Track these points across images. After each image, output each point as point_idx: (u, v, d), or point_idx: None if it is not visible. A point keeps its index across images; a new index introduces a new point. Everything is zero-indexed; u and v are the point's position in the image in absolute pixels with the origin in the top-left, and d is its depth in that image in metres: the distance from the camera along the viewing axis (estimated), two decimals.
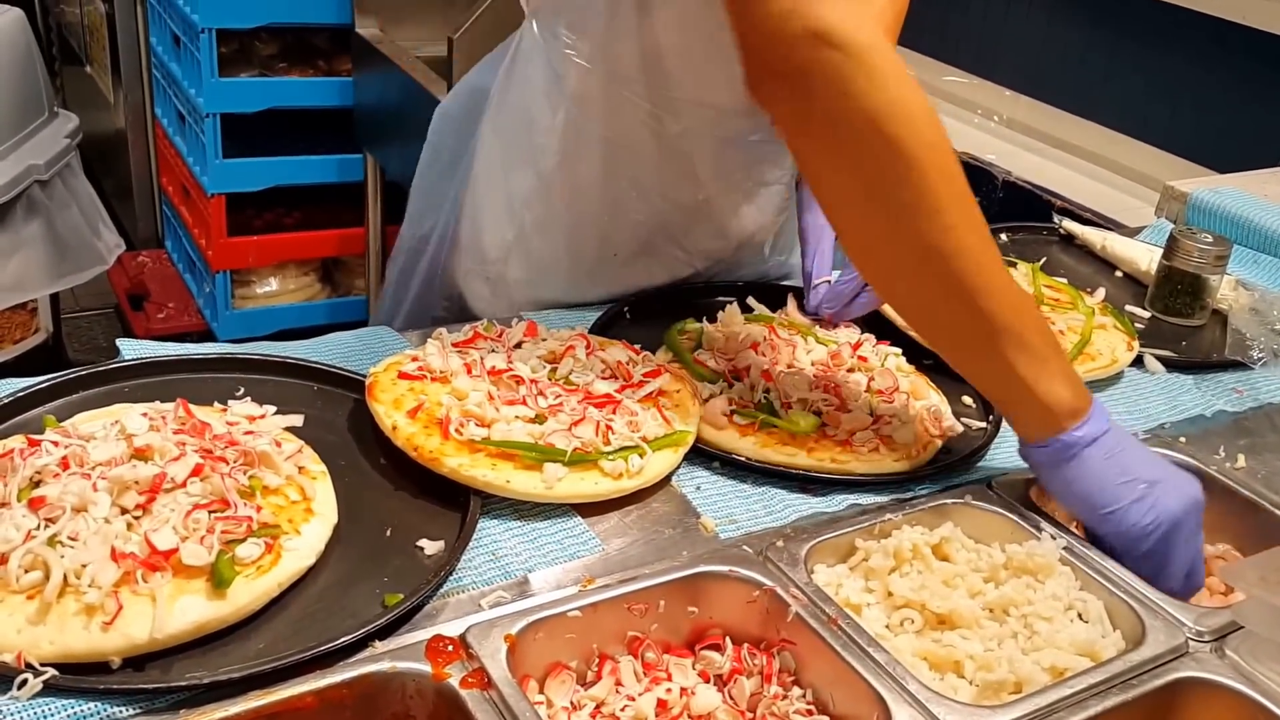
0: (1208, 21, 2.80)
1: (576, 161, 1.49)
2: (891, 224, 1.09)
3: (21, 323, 3.03)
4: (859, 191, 1.10)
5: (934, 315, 1.17)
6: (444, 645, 0.96)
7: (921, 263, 1.10)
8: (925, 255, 1.09)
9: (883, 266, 1.16)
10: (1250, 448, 1.40)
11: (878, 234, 1.12)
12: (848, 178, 1.10)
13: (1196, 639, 1.08)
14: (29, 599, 0.89)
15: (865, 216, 1.12)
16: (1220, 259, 1.67)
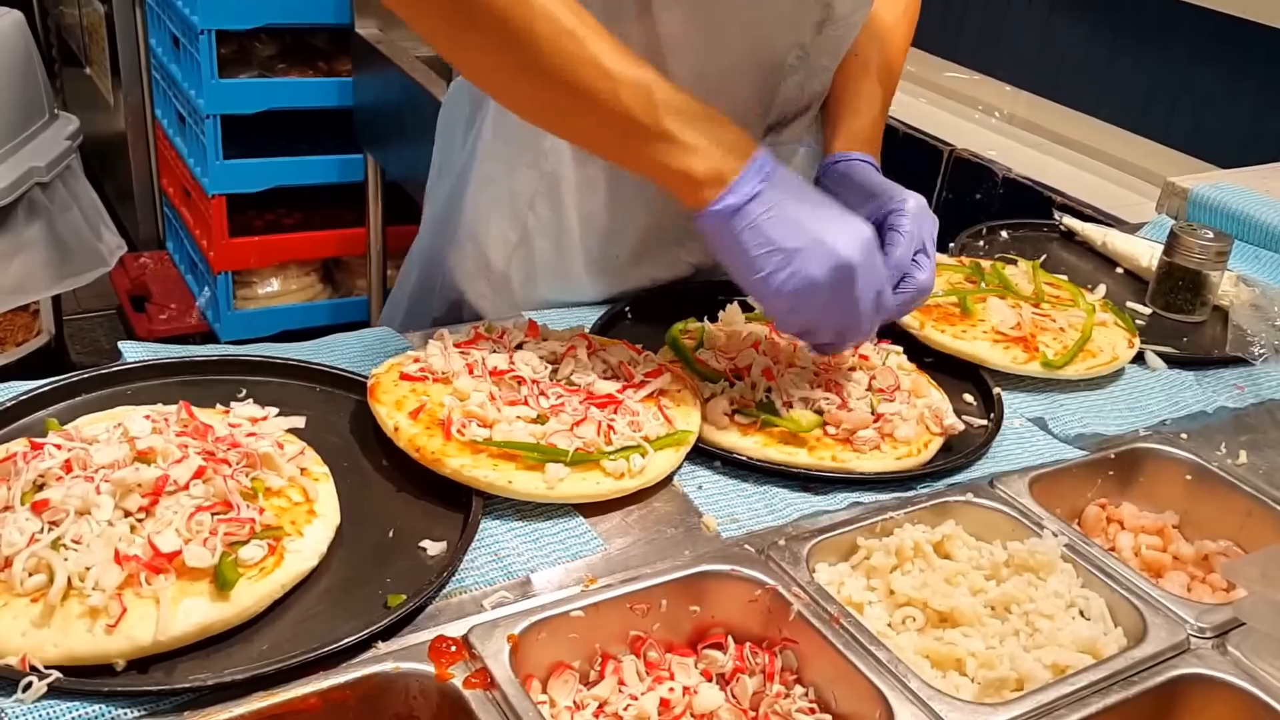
0: (1209, 15, 2.80)
1: (583, 162, 1.48)
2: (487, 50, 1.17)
3: (24, 325, 3.04)
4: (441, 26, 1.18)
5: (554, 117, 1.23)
6: (447, 646, 0.96)
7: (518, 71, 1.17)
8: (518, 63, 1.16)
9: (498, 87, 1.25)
10: (1251, 444, 1.40)
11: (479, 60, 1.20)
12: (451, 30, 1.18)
13: (1198, 635, 1.08)
14: (33, 602, 0.90)
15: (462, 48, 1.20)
16: (1221, 255, 1.67)
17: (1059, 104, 3.30)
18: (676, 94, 1.16)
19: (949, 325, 1.49)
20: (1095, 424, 1.39)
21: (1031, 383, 1.46)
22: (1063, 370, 1.44)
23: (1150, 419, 1.43)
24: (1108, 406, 1.44)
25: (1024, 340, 1.47)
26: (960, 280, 1.61)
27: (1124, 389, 1.49)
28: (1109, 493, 1.36)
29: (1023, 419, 1.39)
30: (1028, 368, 1.44)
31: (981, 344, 1.46)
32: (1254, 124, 2.77)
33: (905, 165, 2.98)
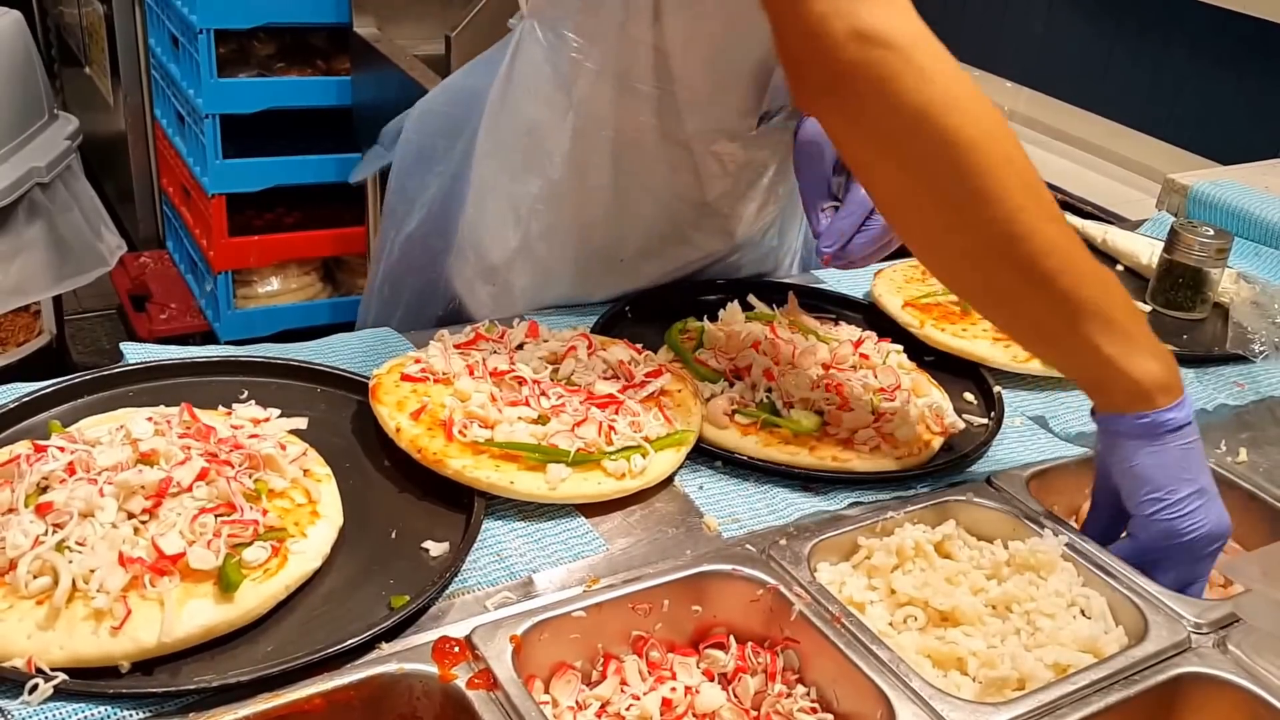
0: (1210, 11, 2.80)
1: (585, 166, 1.48)
2: (955, 215, 1.08)
3: (25, 325, 3.04)
4: (918, 189, 1.08)
5: (1010, 303, 1.14)
6: (450, 646, 0.96)
7: (990, 250, 1.08)
8: (993, 243, 1.07)
9: (951, 260, 1.14)
10: (1251, 441, 1.41)
11: (942, 228, 1.10)
12: (906, 176, 1.08)
13: (1198, 632, 1.08)
14: (38, 604, 0.90)
15: (928, 213, 1.10)
16: (1221, 252, 1.67)
17: (1059, 100, 3.30)
18: (1124, 294, 1.12)
19: (949, 324, 1.49)
20: None
21: (1032, 381, 1.46)
22: None
23: None
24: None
25: None
26: None
27: None
28: None
29: (1023, 417, 1.39)
30: (1028, 366, 1.44)
31: (982, 342, 1.46)
32: (1255, 120, 2.77)
33: None
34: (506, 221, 1.54)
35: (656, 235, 1.54)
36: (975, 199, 1.05)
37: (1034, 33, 3.37)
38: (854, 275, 1.69)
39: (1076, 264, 1.08)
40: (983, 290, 1.15)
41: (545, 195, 1.50)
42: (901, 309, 1.52)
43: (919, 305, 1.52)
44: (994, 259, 1.09)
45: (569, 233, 1.53)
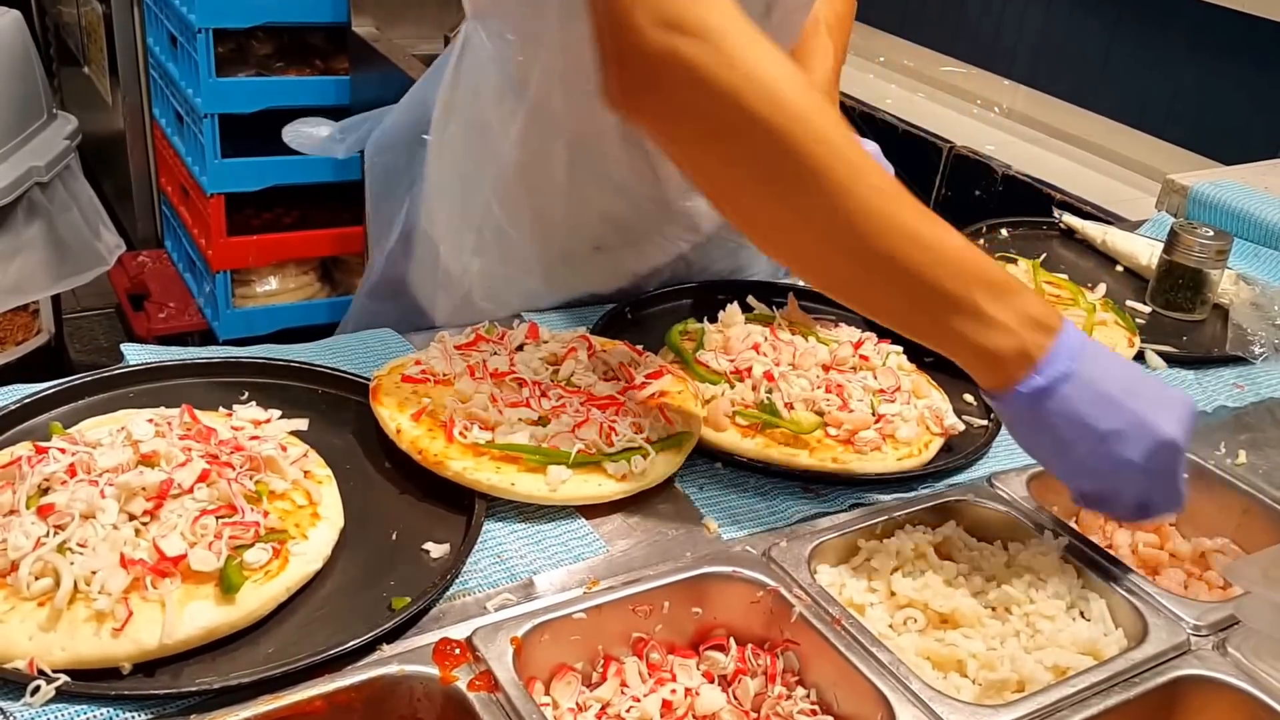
0: (1208, 9, 2.80)
1: (539, 167, 1.45)
2: (781, 204, 1.05)
3: (23, 324, 3.04)
4: (745, 181, 1.05)
5: (853, 289, 1.11)
6: (451, 648, 0.96)
7: (820, 236, 1.05)
8: (820, 227, 1.04)
9: (791, 250, 1.11)
10: (1251, 443, 1.41)
11: (773, 218, 1.07)
12: (730, 169, 1.05)
13: (1197, 635, 1.08)
14: (40, 606, 0.90)
15: (759, 205, 1.07)
16: (1221, 253, 1.67)
17: (1058, 99, 3.30)
18: (985, 262, 1.08)
19: None
20: None
21: None
22: None
23: None
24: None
25: None
26: None
27: None
28: None
29: None
30: None
31: None
32: (1255, 119, 2.77)
33: (904, 162, 2.99)
34: (460, 223, 1.52)
35: (617, 233, 1.52)
36: (797, 185, 1.02)
37: (1032, 31, 3.37)
38: None
39: (915, 241, 1.04)
40: (824, 276, 1.12)
41: (500, 195, 1.48)
42: None
43: None
44: (825, 244, 1.06)
45: (525, 232, 1.50)
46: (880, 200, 1.03)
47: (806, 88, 1.03)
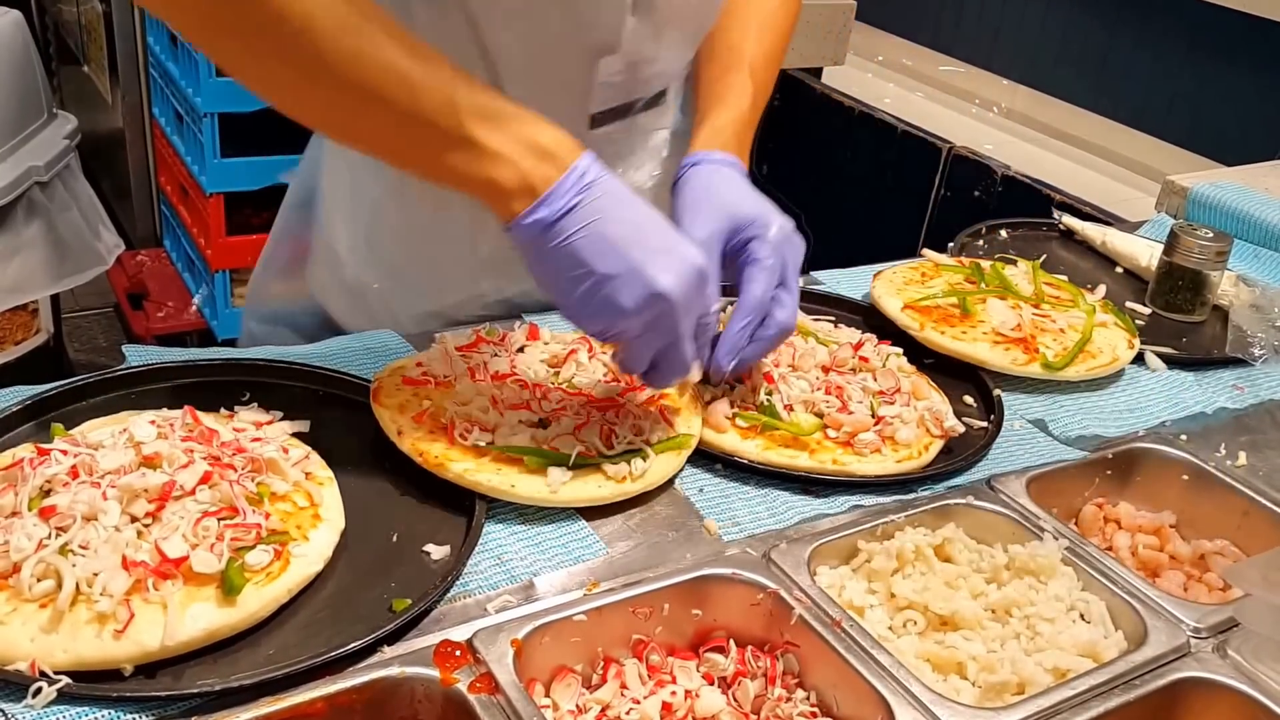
0: (1208, 9, 2.81)
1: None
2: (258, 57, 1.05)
3: (23, 324, 3.04)
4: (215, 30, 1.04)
5: (345, 130, 1.11)
6: (452, 650, 0.96)
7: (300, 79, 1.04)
8: (300, 70, 1.03)
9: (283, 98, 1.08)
10: (1251, 445, 1.41)
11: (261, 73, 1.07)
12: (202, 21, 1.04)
13: (1197, 637, 1.09)
14: (41, 608, 0.90)
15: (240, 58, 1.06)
16: (1221, 255, 1.68)
17: (1057, 98, 3.31)
18: (482, 94, 1.05)
19: (949, 327, 1.49)
20: (1095, 425, 1.40)
21: (1032, 384, 1.46)
22: (1063, 372, 1.45)
23: (1150, 420, 1.43)
24: (1108, 408, 1.45)
25: (1024, 341, 1.48)
26: (960, 281, 1.62)
27: (1124, 390, 1.49)
28: (1106, 492, 1.37)
29: (1023, 421, 1.39)
30: (1028, 369, 1.45)
31: (981, 345, 1.46)
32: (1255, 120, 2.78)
33: (903, 163, 3.00)
34: (354, 220, 1.49)
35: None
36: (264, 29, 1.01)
37: (1031, 30, 3.38)
38: (853, 278, 1.70)
39: (397, 77, 1.02)
40: (314, 118, 1.12)
41: (390, 191, 1.45)
42: (901, 311, 1.52)
43: (918, 308, 1.53)
44: (306, 87, 1.05)
45: (418, 231, 1.46)
46: (354, 39, 1.01)
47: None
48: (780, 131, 3.49)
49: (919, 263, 1.68)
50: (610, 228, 1.05)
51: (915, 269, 1.65)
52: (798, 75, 3.42)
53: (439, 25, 1.30)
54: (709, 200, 1.24)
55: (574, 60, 1.33)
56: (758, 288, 1.20)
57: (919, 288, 1.59)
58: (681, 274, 1.05)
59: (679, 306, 1.06)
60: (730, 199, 1.24)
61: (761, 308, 1.20)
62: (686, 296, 1.06)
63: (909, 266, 1.66)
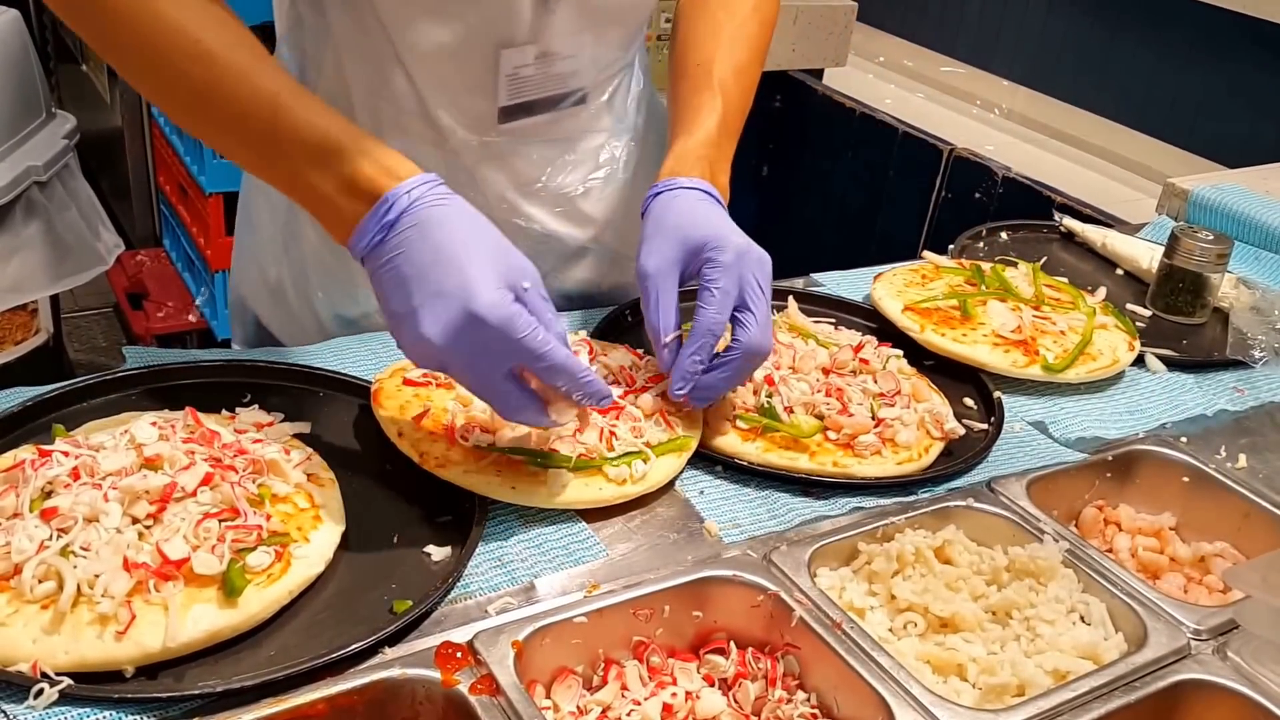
0: (1208, 10, 2.81)
1: None
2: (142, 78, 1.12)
3: (22, 324, 3.04)
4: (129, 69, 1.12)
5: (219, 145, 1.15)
6: (453, 651, 0.96)
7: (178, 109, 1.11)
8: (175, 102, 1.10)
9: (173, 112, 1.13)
10: (1251, 447, 1.41)
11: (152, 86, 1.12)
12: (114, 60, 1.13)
13: (1198, 639, 1.09)
14: (43, 609, 0.90)
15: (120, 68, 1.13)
16: (1221, 257, 1.68)
17: (1058, 100, 3.31)
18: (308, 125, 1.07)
19: (949, 329, 1.49)
20: (1095, 427, 1.40)
21: (1032, 386, 1.47)
22: (1063, 374, 1.45)
23: (1150, 422, 1.43)
24: (1108, 410, 1.45)
25: (1024, 344, 1.48)
26: (961, 283, 1.62)
27: (1124, 392, 1.50)
28: (1106, 494, 1.37)
29: (1023, 423, 1.39)
30: (1028, 371, 1.45)
31: (982, 347, 1.47)
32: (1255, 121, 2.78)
33: (904, 165, 3.00)
34: (271, 215, 1.48)
35: None
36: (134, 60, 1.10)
37: (1033, 31, 3.38)
38: (853, 280, 1.70)
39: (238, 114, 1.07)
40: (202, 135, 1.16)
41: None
42: (901, 313, 1.52)
43: (919, 310, 1.53)
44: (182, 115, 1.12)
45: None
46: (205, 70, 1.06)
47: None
48: (781, 132, 3.49)
49: (919, 265, 1.68)
50: (404, 267, 1.03)
51: (916, 271, 1.65)
52: (799, 76, 3.42)
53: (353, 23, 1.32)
54: (664, 228, 1.22)
55: (477, 51, 1.32)
56: (708, 312, 1.17)
57: (919, 290, 1.59)
58: (448, 323, 1.00)
59: (451, 353, 1.01)
60: (685, 224, 1.21)
61: (712, 332, 1.17)
62: (457, 346, 1.01)
63: (909, 268, 1.66)
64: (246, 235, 1.56)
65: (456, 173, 1.41)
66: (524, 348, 1.01)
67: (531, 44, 1.34)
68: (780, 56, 3.34)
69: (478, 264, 1.01)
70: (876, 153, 3.02)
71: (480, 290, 0.99)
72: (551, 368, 1.03)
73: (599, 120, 1.48)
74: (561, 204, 1.48)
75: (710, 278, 1.18)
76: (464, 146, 1.40)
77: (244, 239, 1.57)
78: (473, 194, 1.41)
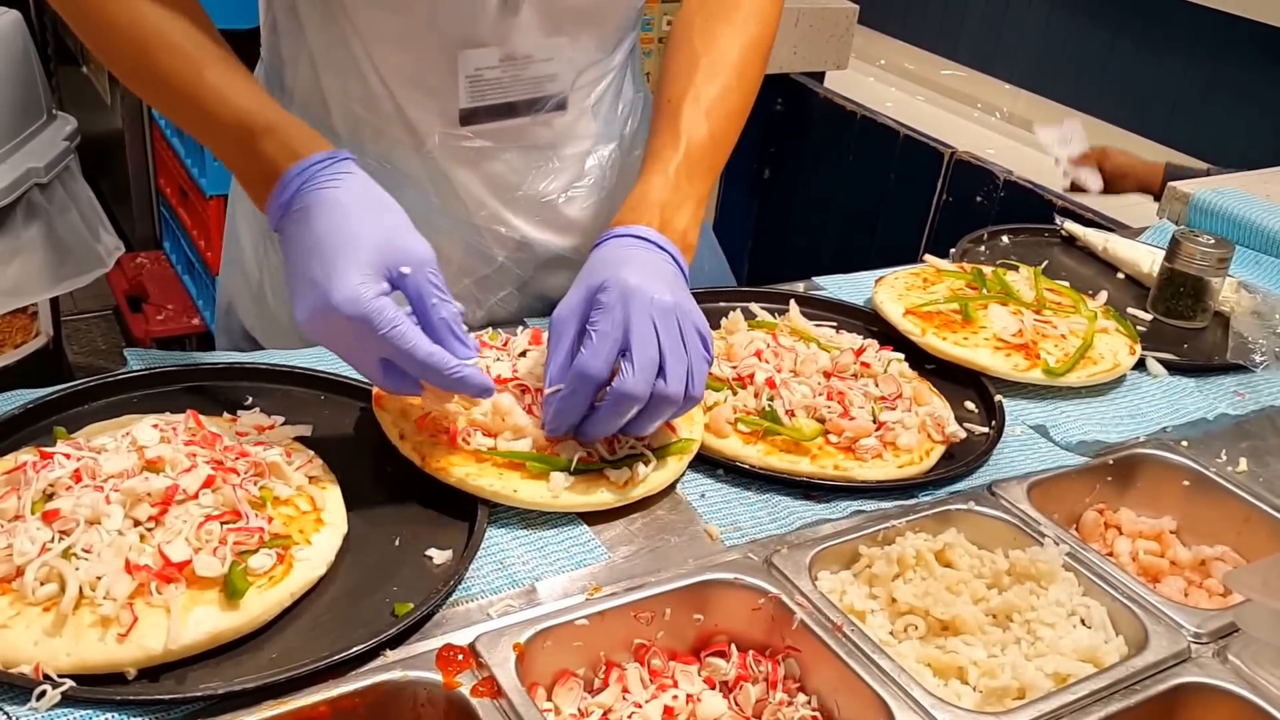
0: (1208, 14, 2.82)
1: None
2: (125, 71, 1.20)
3: (22, 327, 3.04)
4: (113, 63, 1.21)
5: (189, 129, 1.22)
6: (454, 654, 0.96)
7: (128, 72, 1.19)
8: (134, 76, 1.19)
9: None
10: (1252, 451, 1.41)
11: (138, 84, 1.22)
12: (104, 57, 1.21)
13: (1198, 642, 1.09)
14: (45, 611, 0.90)
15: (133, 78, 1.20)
16: (1222, 261, 1.68)
17: (1059, 103, 3.32)
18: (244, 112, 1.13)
19: (950, 332, 1.50)
20: (1096, 431, 1.40)
21: (1033, 390, 1.47)
22: (1064, 377, 1.45)
23: (1151, 426, 1.43)
24: (1109, 413, 1.45)
25: (1025, 347, 1.48)
26: (962, 287, 1.62)
27: (1125, 396, 1.50)
28: (1107, 498, 1.37)
29: (1024, 426, 1.39)
30: (1029, 375, 1.45)
31: (983, 351, 1.47)
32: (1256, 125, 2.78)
33: (905, 168, 3.00)
34: (253, 213, 1.49)
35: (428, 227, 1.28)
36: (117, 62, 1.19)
37: (1034, 35, 3.39)
38: (855, 284, 1.70)
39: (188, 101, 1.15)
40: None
41: None
42: (903, 317, 1.52)
43: (920, 313, 1.53)
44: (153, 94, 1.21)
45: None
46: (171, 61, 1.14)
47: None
48: (783, 136, 3.50)
49: (921, 268, 1.68)
50: (290, 250, 1.08)
51: (917, 274, 1.65)
52: (800, 79, 3.43)
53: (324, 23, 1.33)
54: (581, 276, 1.19)
55: (439, 50, 1.32)
56: (583, 355, 1.12)
57: (921, 293, 1.59)
58: (313, 312, 1.04)
59: (322, 338, 1.08)
60: (596, 270, 1.17)
61: (582, 374, 1.11)
62: (323, 333, 1.06)
63: (911, 272, 1.66)
64: (232, 238, 1.56)
65: (436, 177, 1.41)
66: (384, 342, 1.03)
67: (496, 46, 1.33)
68: (781, 59, 3.34)
69: (347, 253, 1.03)
70: (878, 156, 3.03)
71: (339, 284, 1.02)
72: (415, 364, 1.05)
73: (583, 126, 1.47)
74: (542, 211, 1.47)
75: (592, 320, 1.13)
76: (439, 150, 1.39)
77: (230, 242, 1.57)
78: (451, 199, 1.42)
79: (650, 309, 1.13)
